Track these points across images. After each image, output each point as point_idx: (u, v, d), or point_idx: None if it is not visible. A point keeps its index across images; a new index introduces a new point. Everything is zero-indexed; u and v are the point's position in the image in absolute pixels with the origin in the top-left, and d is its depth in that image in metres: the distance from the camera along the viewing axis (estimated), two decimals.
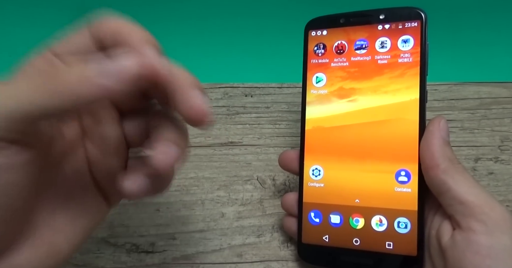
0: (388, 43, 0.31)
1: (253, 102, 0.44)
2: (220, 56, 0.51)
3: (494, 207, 0.26)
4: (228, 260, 0.35)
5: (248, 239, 0.36)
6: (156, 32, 0.60)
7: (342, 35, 0.33)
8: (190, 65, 0.54)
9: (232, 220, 0.37)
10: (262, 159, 0.40)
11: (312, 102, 0.33)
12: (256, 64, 0.50)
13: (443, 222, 0.28)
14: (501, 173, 0.39)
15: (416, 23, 0.30)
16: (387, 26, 0.31)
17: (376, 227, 0.30)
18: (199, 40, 0.52)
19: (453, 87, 0.44)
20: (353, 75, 0.32)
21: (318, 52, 0.33)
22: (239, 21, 0.53)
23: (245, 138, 0.42)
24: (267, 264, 0.35)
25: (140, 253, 0.35)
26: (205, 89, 0.44)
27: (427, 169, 0.28)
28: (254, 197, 0.38)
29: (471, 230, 0.25)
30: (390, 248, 0.30)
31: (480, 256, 0.25)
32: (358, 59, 0.32)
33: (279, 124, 0.42)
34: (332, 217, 0.32)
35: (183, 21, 0.54)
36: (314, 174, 0.32)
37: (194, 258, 0.35)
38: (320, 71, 0.33)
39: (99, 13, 0.23)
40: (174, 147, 0.22)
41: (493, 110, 0.42)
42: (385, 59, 0.31)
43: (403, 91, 0.30)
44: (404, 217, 0.30)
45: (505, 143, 0.40)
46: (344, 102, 0.32)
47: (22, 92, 0.19)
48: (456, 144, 0.40)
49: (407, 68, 0.30)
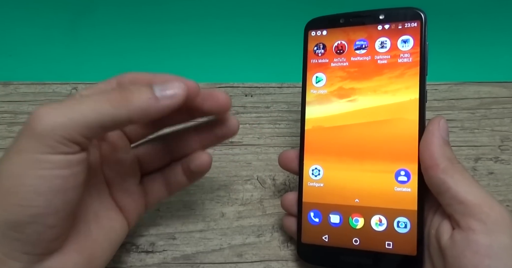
0: (388, 43, 0.31)
1: (253, 102, 0.44)
2: (220, 56, 0.51)
3: (493, 206, 0.26)
4: (228, 260, 0.35)
5: (248, 239, 0.36)
6: (156, 32, 0.61)
7: (342, 35, 0.33)
8: (190, 65, 0.55)
9: (232, 219, 0.37)
10: (262, 158, 0.41)
11: (311, 102, 0.33)
12: (256, 64, 0.50)
13: (443, 222, 0.28)
14: (501, 173, 0.39)
15: (416, 23, 0.30)
16: (386, 26, 0.31)
17: (375, 227, 0.30)
18: (199, 40, 0.52)
19: (453, 87, 0.44)
20: (353, 75, 0.32)
21: (318, 52, 0.33)
22: (239, 21, 0.53)
23: (245, 138, 0.42)
24: (267, 264, 0.35)
25: (140, 253, 0.35)
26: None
27: (427, 168, 0.28)
28: (254, 196, 0.38)
29: (471, 229, 0.25)
30: (389, 247, 0.30)
31: (479, 256, 0.25)
32: (358, 59, 0.32)
33: (279, 124, 0.43)
34: (331, 216, 0.32)
35: (183, 21, 0.54)
36: (314, 174, 0.32)
37: (194, 258, 0.35)
38: (320, 71, 0.33)
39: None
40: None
41: (493, 110, 0.42)
42: (384, 59, 0.31)
43: (403, 91, 0.30)
44: (404, 216, 0.30)
45: (505, 142, 0.40)
46: (343, 102, 0.32)
47: (99, 104, 0.24)
48: (456, 143, 0.40)
49: (407, 68, 0.30)
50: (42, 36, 0.53)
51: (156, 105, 0.25)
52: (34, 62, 0.50)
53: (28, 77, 0.46)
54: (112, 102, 0.24)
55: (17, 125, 0.42)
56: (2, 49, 0.51)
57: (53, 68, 0.50)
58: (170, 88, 0.25)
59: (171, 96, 0.25)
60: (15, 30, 0.53)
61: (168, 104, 0.25)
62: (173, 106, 0.25)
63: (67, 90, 0.44)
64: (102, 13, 0.54)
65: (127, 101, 0.24)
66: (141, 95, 0.25)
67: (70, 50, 0.52)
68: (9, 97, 0.44)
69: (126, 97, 0.24)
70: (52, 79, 0.45)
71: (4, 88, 0.45)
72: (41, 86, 0.45)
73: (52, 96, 0.44)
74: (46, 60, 0.51)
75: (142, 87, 0.25)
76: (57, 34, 0.53)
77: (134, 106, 0.24)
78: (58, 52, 0.52)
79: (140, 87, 0.25)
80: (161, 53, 0.51)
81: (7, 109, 0.43)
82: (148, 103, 0.25)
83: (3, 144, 0.41)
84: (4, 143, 0.41)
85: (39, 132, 0.22)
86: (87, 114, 0.23)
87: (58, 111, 0.23)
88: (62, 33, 0.53)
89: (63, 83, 0.45)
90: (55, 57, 0.51)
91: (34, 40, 0.52)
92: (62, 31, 0.53)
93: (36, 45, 0.52)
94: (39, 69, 0.50)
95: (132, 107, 0.24)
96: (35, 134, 0.22)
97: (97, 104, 0.24)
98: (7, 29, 0.53)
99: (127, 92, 0.25)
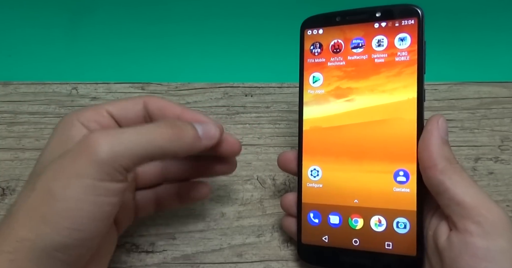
0: (385, 42, 0.31)
1: (253, 102, 0.44)
2: (220, 56, 0.51)
3: (491, 208, 0.25)
4: (228, 260, 0.35)
5: (248, 238, 0.36)
6: (156, 32, 0.61)
7: (338, 34, 0.32)
8: (190, 65, 0.55)
9: (232, 219, 0.37)
10: (262, 158, 0.41)
11: (309, 103, 0.33)
12: (256, 64, 0.50)
13: (441, 223, 0.28)
14: (501, 173, 0.39)
15: (413, 20, 0.30)
16: (383, 24, 0.31)
17: (375, 227, 0.30)
18: (199, 40, 0.52)
19: (453, 87, 0.44)
20: (350, 75, 0.32)
21: (315, 51, 0.33)
22: (238, 21, 0.53)
23: (245, 138, 0.42)
24: (267, 264, 0.35)
25: (140, 253, 0.35)
26: (205, 89, 0.44)
27: (425, 169, 0.28)
28: (254, 196, 0.38)
29: (468, 232, 0.25)
30: (389, 248, 0.30)
31: (476, 259, 0.25)
32: (354, 58, 0.32)
33: (279, 124, 0.42)
34: (331, 217, 0.32)
35: (183, 21, 0.54)
36: (313, 175, 0.32)
37: (194, 258, 0.35)
38: (316, 70, 0.33)
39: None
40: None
41: (493, 110, 0.42)
42: (382, 58, 0.31)
43: (401, 90, 0.30)
44: (403, 217, 0.30)
45: (505, 142, 0.40)
46: (341, 102, 0.32)
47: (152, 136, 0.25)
48: (456, 143, 0.40)
49: (404, 66, 0.30)
50: (42, 36, 0.53)
51: (199, 144, 0.28)
52: (34, 62, 0.50)
53: (28, 77, 0.46)
54: (165, 136, 0.26)
55: (17, 125, 0.42)
56: (2, 49, 0.51)
57: (53, 68, 0.50)
58: (210, 130, 0.29)
59: (211, 138, 0.29)
60: (15, 30, 0.53)
61: (207, 144, 0.28)
62: (210, 146, 0.29)
63: (67, 90, 0.45)
64: (102, 13, 0.54)
65: (178, 138, 0.26)
66: (189, 134, 0.27)
67: (70, 50, 0.52)
68: (9, 97, 0.44)
69: (178, 134, 0.26)
70: (52, 79, 0.45)
71: (4, 88, 0.45)
72: (41, 86, 0.45)
73: (52, 96, 0.44)
74: (46, 60, 0.51)
75: (188, 125, 0.28)
76: (57, 34, 0.53)
77: (183, 143, 0.27)
78: (58, 52, 0.51)
79: (187, 126, 0.27)
80: (161, 53, 0.51)
81: (7, 109, 0.43)
82: (194, 142, 0.27)
83: (3, 143, 0.41)
84: (4, 142, 0.41)
85: (100, 160, 0.23)
86: (143, 146, 0.25)
87: (117, 140, 0.24)
88: (62, 33, 0.53)
89: (63, 83, 0.45)
90: (55, 57, 0.51)
91: (34, 40, 0.52)
92: (62, 31, 0.53)
93: (36, 45, 0.52)
94: (39, 69, 0.50)
95: (181, 144, 0.26)
96: (96, 161, 0.23)
97: (151, 136, 0.25)
98: (7, 29, 0.53)
99: (178, 129, 0.27)
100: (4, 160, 0.41)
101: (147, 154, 0.25)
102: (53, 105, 0.44)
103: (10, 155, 0.41)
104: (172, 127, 0.26)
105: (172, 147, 0.26)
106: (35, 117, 0.43)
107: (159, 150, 0.25)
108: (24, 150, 0.41)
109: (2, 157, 0.41)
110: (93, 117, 0.28)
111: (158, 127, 0.26)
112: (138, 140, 0.25)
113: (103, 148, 0.23)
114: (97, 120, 0.28)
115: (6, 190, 0.39)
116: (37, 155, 0.41)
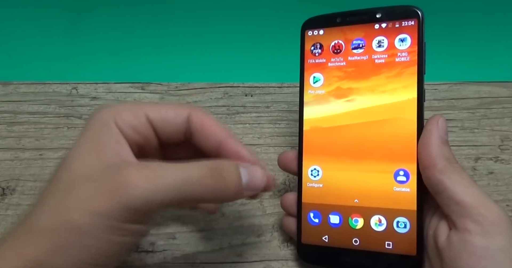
0: (385, 42, 0.31)
1: (253, 102, 0.44)
2: (220, 56, 0.51)
3: (490, 207, 0.26)
4: (228, 260, 0.35)
5: (248, 238, 0.36)
6: (156, 32, 0.61)
7: (339, 35, 0.32)
8: (190, 65, 0.55)
9: (232, 219, 0.37)
10: (262, 158, 0.40)
11: (309, 103, 0.33)
12: (256, 64, 0.50)
13: (440, 222, 0.28)
14: (501, 173, 0.39)
15: (413, 21, 0.30)
16: (383, 25, 0.31)
17: (375, 227, 0.30)
18: (199, 40, 0.52)
19: (453, 87, 0.44)
20: (350, 75, 0.32)
21: (315, 52, 0.33)
22: (238, 21, 0.53)
23: (245, 138, 0.42)
24: (267, 263, 0.35)
25: (140, 252, 0.35)
26: (205, 89, 0.44)
27: (424, 168, 0.28)
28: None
29: (467, 230, 0.25)
30: (389, 247, 0.30)
31: (475, 257, 0.25)
32: (355, 59, 0.32)
33: (279, 124, 0.43)
34: (331, 217, 0.32)
35: (183, 21, 0.54)
36: (313, 174, 0.32)
37: (194, 257, 0.35)
38: (317, 71, 0.33)
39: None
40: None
41: (493, 110, 0.42)
42: (382, 58, 0.31)
43: (401, 91, 0.30)
44: (403, 216, 0.30)
45: (505, 142, 0.40)
46: (341, 102, 0.32)
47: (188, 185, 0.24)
48: (456, 143, 0.40)
49: (405, 67, 0.30)
50: (42, 36, 0.53)
51: (239, 196, 0.26)
52: (34, 62, 0.50)
53: (28, 77, 0.46)
54: (207, 188, 0.24)
55: (17, 125, 0.42)
56: (2, 49, 0.51)
57: (53, 68, 0.50)
58: (256, 180, 0.26)
59: (254, 190, 0.26)
60: (15, 30, 0.53)
61: (247, 195, 0.26)
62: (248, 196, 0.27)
63: (67, 90, 0.45)
64: (102, 13, 0.54)
65: (220, 191, 0.25)
66: (232, 185, 0.25)
67: (70, 50, 0.52)
68: (9, 97, 0.44)
69: (221, 187, 0.25)
70: (52, 79, 0.45)
71: (4, 88, 0.45)
72: (41, 86, 0.45)
73: (52, 96, 0.44)
74: (46, 60, 0.51)
75: (233, 173, 0.25)
76: (57, 34, 0.53)
77: (223, 195, 0.25)
78: (58, 52, 0.52)
79: (232, 174, 0.25)
80: (161, 53, 0.51)
81: (7, 109, 0.43)
82: (235, 195, 0.26)
83: (3, 143, 0.41)
84: (4, 142, 0.41)
85: (132, 206, 0.22)
86: (179, 195, 0.23)
87: (153, 186, 0.23)
88: (62, 32, 0.53)
89: (63, 83, 0.45)
90: (55, 57, 0.51)
91: (34, 40, 0.52)
92: (62, 31, 0.53)
93: (36, 45, 0.52)
94: (39, 69, 0.50)
95: (221, 196, 0.25)
96: (127, 206, 0.22)
97: (192, 187, 0.24)
98: (7, 29, 0.53)
99: (222, 182, 0.25)
100: (4, 159, 0.41)
101: (180, 201, 0.24)
102: (53, 105, 0.44)
103: (10, 154, 0.41)
104: (217, 179, 0.24)
105: (209, 196, 0.25)
106: (35, 117, 0.43)
107: (195, 198, 0.24)
108: (24, 149, 0.41)
109: (2, 157, 0.41)
110: (131, 121, 0.26)
111: (201, 176, 0.24)
112: (177, 188, 0.23)
113: (136, 193, 0.22)
114: (135, 127, 0.26)
115: (6, 189, 0.39)
116: (37, 154, 0.41)
